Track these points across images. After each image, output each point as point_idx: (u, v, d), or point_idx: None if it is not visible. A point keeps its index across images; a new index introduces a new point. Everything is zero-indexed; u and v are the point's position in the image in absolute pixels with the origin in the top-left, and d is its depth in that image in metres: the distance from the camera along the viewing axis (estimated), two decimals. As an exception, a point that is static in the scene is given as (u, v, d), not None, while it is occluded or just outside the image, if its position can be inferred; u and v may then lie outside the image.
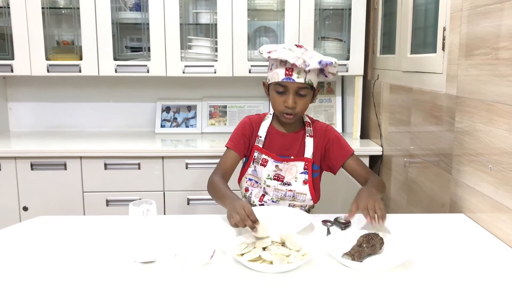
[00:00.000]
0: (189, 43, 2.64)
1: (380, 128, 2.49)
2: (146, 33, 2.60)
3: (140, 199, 1.19)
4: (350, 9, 2.58)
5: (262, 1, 2.63)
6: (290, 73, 1.54)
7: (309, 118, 1.74)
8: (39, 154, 2.40)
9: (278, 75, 1.56)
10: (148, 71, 2.59)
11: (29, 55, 2.55)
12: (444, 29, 1.71)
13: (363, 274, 1.10)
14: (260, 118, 1.73)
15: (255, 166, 1.69)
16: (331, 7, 2.68)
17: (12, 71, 2.56)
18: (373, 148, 2.49)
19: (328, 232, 1.38)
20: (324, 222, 1.45)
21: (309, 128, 1.70)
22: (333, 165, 1.71)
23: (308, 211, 1.74)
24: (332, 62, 1.56)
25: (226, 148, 1.70)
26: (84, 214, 2.43)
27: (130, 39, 2.82)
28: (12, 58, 2.55)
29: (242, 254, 1.15)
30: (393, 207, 2.29)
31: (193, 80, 2.88)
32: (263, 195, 1.70)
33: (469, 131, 1.51)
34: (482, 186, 1.43)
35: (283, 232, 1.24)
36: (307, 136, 1.69)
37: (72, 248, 1.27)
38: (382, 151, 2.45)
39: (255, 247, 1.17)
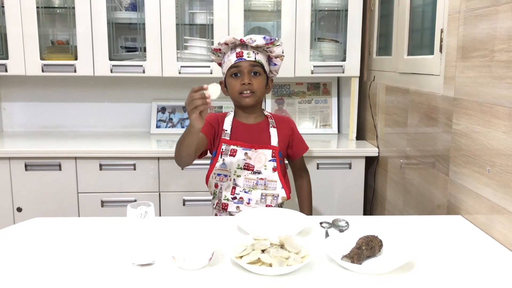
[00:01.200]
0: (185, 44, 2.63)
1: (376, 130, 2.49)
2: (141, 33, 2.58)
3: (135, 200, 1.19)
4: (346, 10, 2.58)
5: (258, 2, 2.63)
6: (241, 54, 1.68)
7: (269, 112, 1.85)
8: (33, 155, 2.38)
9: (231, 60, 1.69)
10: (143, 72, 2.57)
11: (24, 55, 2.53)
12: (441, 31, 1.71)
13: (362, 277, 1.10)
14: (223, 114, 1.82)
15: (223, 159, 1.73)
16: (327, 8, 2.68)
17: (6, 70, 2.54)
18: (369, 149, 2.49)
19: (327, 234, 1.37)
20: (322, 224, 1.45)
21: (271, 120, 1.81)
22: (293, 155, 1.86)
23: (281, 206, 1.77)
24: (276, 38, 1.68)
25: None
26: (79, 215, 2.42)
27: (126, 39, 2.80)
28: (6, 58, 2.53)
29: (241, 257, 1.14)
30: (389, 208, 2.30)
31: (189, 80, 2.87)
32: (234, 188, 1.73)
33: (467, 132, 1.51)
34: (480, 188, 1.43)
35: (281, 234, 1.24)
36: (271, 127, 1.79)
37: (68, 250, 1.25)
38: (378, 153, 2.45)
39: (254, 250, 1.16)
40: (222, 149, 1.74)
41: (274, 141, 1.77)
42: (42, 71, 2.55)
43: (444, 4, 1.69)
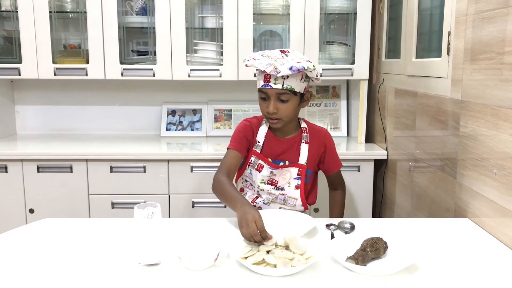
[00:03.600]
0: (195, 47, 2.65)
1: (385, 132, 2.49)
2: (152, 37, 2.61)
3: (145, 202, 1.20)
4: (355, 13, 2.58)
5: (268, 6, 2.64)
6: (268, 79, 1.58)
7: (306, 122, 1.77)
8: (46, 157, 2.41)
9: (259, 82, 1.62)
10: (154, 75, 2.60)
11: (37, 59, 2.57)
12: (449, 34, 1.71)
13: (367, 278, 1.10)
14: (259, 121, 1.75)
15: (250, 170, 1.72)
16: (336, 11, 2.68)
17: (19, 74, 2.59)
18: (378, 152, 2.49)
19: (332, 236, 1.38)
20: (328, 226, 1.46)
21: (305, 134, 1.73)
22: (326, 170, 1.80)
23: None
24: (304, 67, 1.54)
25: (228, 149, 1.72)
26: (90, 217, 2.45)
27: (136, 43, 2.83)
28: (20, 62, 2.58)
29: (246, 257, 1.15)
30: (398, 211, 2.29)
31: (199, 83, 2.89)
32: (256, 197, 1.74)
33: (474, 135, 1.51)
34: (487, 190, 1.43)
35: (287, 236, 1.25)
36: (303, 142, 1.72)
37: (77, 250, 1.28)
38: (387, 156, 2.45)
39: (259, 251, 1.17)
40: (251, 161, 1.71)
41: (303, 159, 1.70)
42: (54, 74, 2.59)
43: (451, 7, 1.69)
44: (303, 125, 1.75)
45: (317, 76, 1.62)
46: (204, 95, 2.96)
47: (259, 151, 1.71)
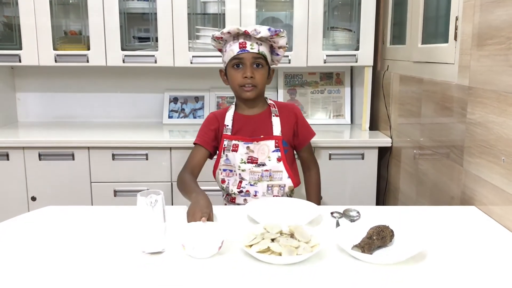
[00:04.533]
0: (197, 33, 2.62)
1: (390, 120, 2.46)
2: (153, 23, 2.58)
3: (147, 189, 1.18)
4: (360, -2, 2.54)
5: (271, -9, 2.60)
6: (244, 45, 1.63)
7: (272, 100, 1.80)
8: (47, 145, 2.40)
9: (233, 50, 1.64)
10: (155, 62, 2.57)
11: (37, 45, 2.54)
12: (456, 19, 1.68)
13: (373, 267, 1.09)
14: (224, 110, 1.79)
15: (226, 155, 1.72)
16: (341, -3, 2.65)
17: (20, 61, 2.56)
18: (382, 139, 2.46)
19: (337, 224, 1.36)
20: (333, 214, 1.44)
21: (274, 109, 1.76)
22: (299, 143, 1.79)
23: (290, 195, 1.75)
24: (280, 30, 1.63)
25: (194, 144, 1.75)
26: (92, 205, 2.44)
27: (138, 29, 2.80)
28: (20, 48, 2.55)
29: (251, 245, 1.14)
30: (402, 199, 2.27)
31: (201, 70, 2.86)
32: (240, 182, 1.72)
33: (482, 122, 1.48)
34: (495, 178, 1.40)
35: (291, 224, 1.23)
36: (273, 116, 1.74)
37: (80, 238, 1.26)
38: (392, 143, 2.43)
39: (263, 239, 1.15)
40: (224, 145, 1.71)
41: (277, 130, 1.72)
42: (55, 61, 2.56)
43: (459, -9, 1.65)
44: (270, 101, 1.79)
45: (287, 43, 1.69)
46: (207, 82, 2.93)
47: (229, 134, 1.72)
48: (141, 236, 1.16)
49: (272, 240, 1.16)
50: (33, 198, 2.44)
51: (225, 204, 1.79)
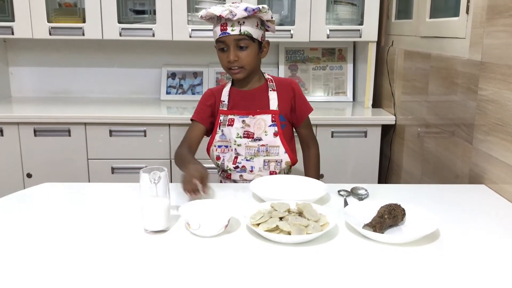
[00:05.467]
0: (197, 6, 2.53)
1: (394, 97, 2.41)
2: (151, -5, 2.49)
3: (146, 167, 1.13)
4: (364, -29, 2.46)
5: (273, -38, 2.51)
6: (225, 27, 1.55)
7: (270, 75, 1.74)
8: (42, 120, 2.33)
9: (216, 33, 1.58)
10: (153, 35, 2.49)
11: (30, 17, 2.45)
12: (469, -9, 1.61)
13: (384, 246, 1.05)
14: (222, 86, 1.74)
15: (222, 130, 1.68)
16: (345, -31, 2.56)
17: (12, 33, 2.47)
18: (386, 117, 2.42)
19: (345, 203, 1.32)
20: (340, 192, 1.40)
21: (271, 83, 1.70)
22: (297, 118, 1.73)
23: (288, 172, 1.71)
24: (259, 8, 1.54)
25: (191, 120, 1.71)
26: (89, 182, 2.39)
27: (135, 2, 2.71)
28: (13, 20, 2.46)
29: (258, 224, 1.10)
30: (405, 177, 2.24)
31: (200, 45, 2.78)
32: (236, 157, 1.67)
33: (494, 99, 1.44)
34: (507, 156, 1.36)
35: (299, 202, 1.19)
36: (270, 90, 1.69)
37: (79, 216, 1.22)
38: (395, 121, 2.38)
39: (271, 217, 1.11)
40: (220, 120, 1.67)
41: (274, 104, 1.66)
42: (50, 34, 2.48)
43: (473, -39, 1.59)
44: (267, 76, 1.73)
45: (272, 18, 1.60)
46: (205, 57, 2.86)
47: (226, 109, 1.68)
48: (144, 214, 1.11)
49: (280, 218, 1.12)
50: (29, 175, 2.38)
51: (221, 181, 1.75)
